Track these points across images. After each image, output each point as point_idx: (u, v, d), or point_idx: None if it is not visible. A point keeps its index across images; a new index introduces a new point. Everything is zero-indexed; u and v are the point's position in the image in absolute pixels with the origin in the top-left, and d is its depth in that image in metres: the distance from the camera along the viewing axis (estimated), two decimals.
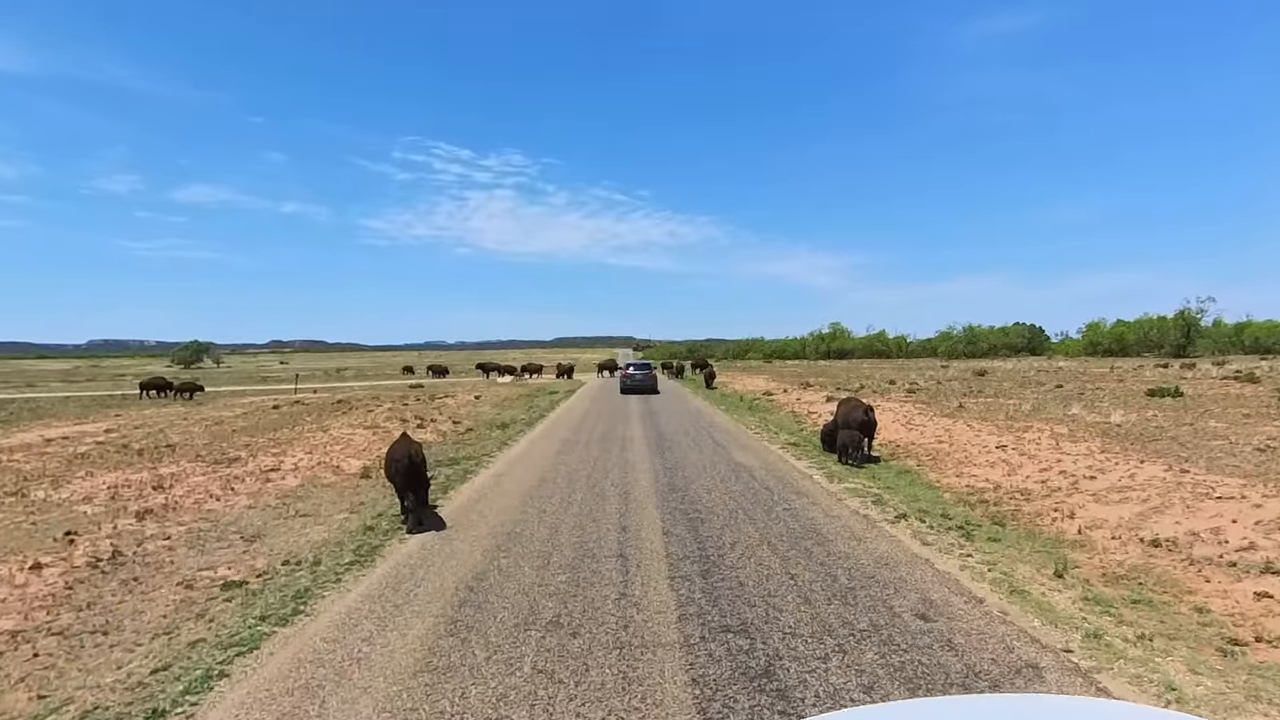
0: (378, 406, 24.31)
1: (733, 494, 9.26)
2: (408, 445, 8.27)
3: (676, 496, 9.13)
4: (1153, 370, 33.28)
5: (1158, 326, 62.76)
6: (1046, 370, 39.47)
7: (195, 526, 8.37)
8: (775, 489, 9.58)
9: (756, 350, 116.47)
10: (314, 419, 20.50)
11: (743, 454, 12.86)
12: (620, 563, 6.24)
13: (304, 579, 6.14)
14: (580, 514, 8.23)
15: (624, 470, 11.24)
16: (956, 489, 9.61)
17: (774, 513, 8.16)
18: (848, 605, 5.12)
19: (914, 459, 12.06)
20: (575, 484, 10.13)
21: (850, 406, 12.66)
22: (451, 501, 9.22)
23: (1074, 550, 6.74)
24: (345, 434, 16.55)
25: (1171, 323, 61.55)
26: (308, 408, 24.98)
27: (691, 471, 11.03)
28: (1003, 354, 76.96)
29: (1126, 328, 67.20)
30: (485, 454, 13.54)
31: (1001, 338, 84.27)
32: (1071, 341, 77.76)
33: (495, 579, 5.91)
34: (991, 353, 79.09)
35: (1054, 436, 12.29)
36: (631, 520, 7.85)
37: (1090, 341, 70.62)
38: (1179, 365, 36.04)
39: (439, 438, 16.49)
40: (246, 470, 11.89)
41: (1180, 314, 61.28)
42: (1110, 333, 69.17)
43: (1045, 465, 10.12)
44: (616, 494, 9.36)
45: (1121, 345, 65.60)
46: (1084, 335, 74.27)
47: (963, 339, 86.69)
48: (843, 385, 30.94)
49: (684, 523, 7.72)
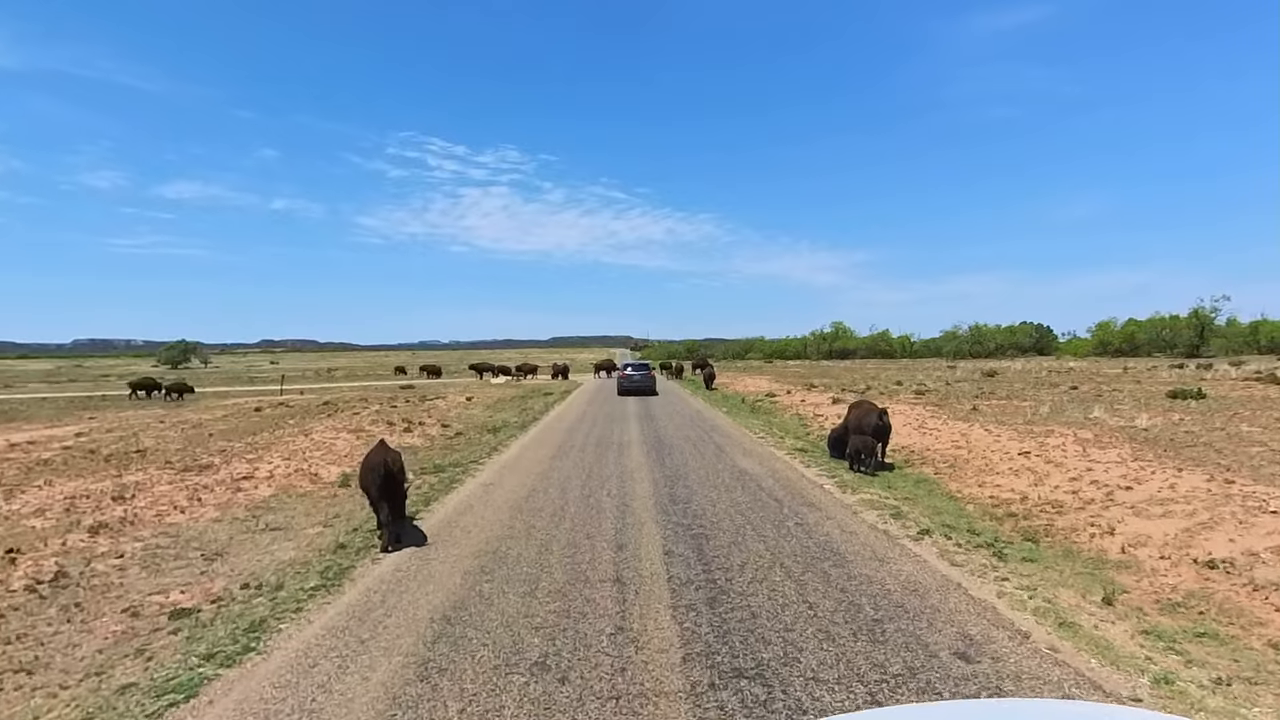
0: (364, 409, 23.71)
1: (739, 506, 8.70)
2: (384, 454, 7.71)
3: (678, 509, 8.57)
4: (1169, 371, 32.79)
5: (1170, 326, 62.15)
6: (1057, 371, 38.96)
7: (153, 542, 7.80)
8: (784, 500, 9.02)
9: (757, 350, 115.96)
10: (297, 422, 19.91)
11: (747, 460, 12.30)
12: (617, 589, 5.68)
13: (262, 607, 5.57)
14: (573, 529, 7.67)
15: (621, 479, 10.68)
16: (980, 500, 9.07)
17: (785, 528, 7.60)
18: (876, 643, 4.56)
19: (931, 466, 11.51)
20: (569, 494, 9.57)
21: (863, 410, 12.11)
22: (434, 515, 8.66)
23: (1119, 572, 6.19)
24: (327, 438, 15.96)
25: (1185, 322, 60.95)
26: (292, 410, 24.39)
27: (693, 480, 10.47)
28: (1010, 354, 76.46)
29: (1138, 327, 66.63)
30: (474, 461, 12.97)
31: (1008, 337, 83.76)
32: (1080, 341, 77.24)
33: (476, 608, 5.34)
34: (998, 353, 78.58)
35: (1079, 442, 11.75)
36: (629, 537, 7.29)
37: (1100, 341, 70.04)
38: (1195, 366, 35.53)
39: (426, 442, 15.92)
40: (217, 478, 11.31)
41: (1194, 313, 60.67)
42: (1121, 332, 68.58)
43: (1074, 474, 9.57)
44: (613, 506, 8.80)
45: (1133, 345, 65.00)
46: (1094, 335, 73.70)
47: (969, 339, 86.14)
48: (848, 386, 30.41)
49: (687, 540, 7.16)
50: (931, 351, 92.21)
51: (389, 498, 7.35)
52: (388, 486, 7.32)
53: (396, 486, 7.42)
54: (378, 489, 7.42)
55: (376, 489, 7.42)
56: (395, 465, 7.48)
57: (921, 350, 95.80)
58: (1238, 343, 58.40)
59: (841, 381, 34.99)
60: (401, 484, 7.57)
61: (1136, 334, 65.56)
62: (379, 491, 7.44)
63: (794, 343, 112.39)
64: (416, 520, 8.39)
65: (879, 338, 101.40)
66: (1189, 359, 48.07)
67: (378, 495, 7.50)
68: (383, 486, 7.33)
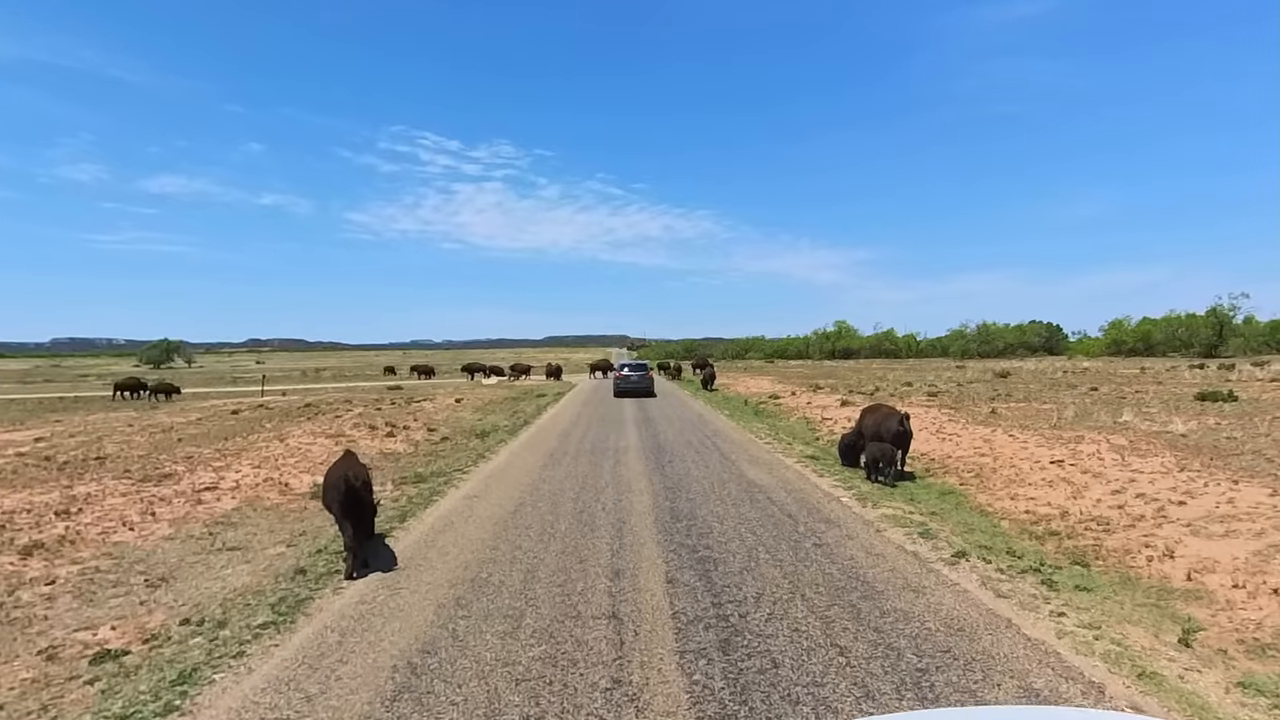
0: (347, 411, 23.00)
1: (749, 523, 8.02)
2: (346, 468, 7.03)
3: (681, 527, 7.89)
4: (1189, 372, 32.18)
5: (1187, 325, 61.42)
6: (1072, 371, 38.35)
7: (93, 565, 7.10)
8: (799, 516, 8.34)
9: (757, 349, 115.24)
10: (274, 425, 19.19)
11: (755, 469, 11.62)
12: (613, 628, 4.99)
13: (198, 651, 4.88)
14: (564, 551, 6.98)
15: (618, 491, 10.00)
16: (1015, 516, 8.40)
17: (802, 549, 6.92)
18: (927, 702, 3.88)
19: (955, 476, 10.84)
20: (560, 509, 8.88)
21: (882, 415, 11.44)
22: (409, 532, 7.96)
23: (1190, 604, 5.52)
24: (303, 443, 15.26)
25: (1202, 320, 60.24)
26: (271, 412, 23.66)
27: (697, 492, 9.79)
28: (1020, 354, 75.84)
29: (1153, 326, 65.89)
30: (459, 469, 12.27)
31: (1018, 336, 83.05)
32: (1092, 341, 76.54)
33: (448, 653, 4.66)
34: (1008, 352, 77.94)
35: (1114, 449, 11.10)
36: (627, 561, 6.60)
37: (1113, 340, 69.32)
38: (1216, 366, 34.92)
39: (409, 449, 15.22)
40: (178, 489, 10.60)
41: (1212, 311, 59.98)
42: (1135, 331, 67.85)
43: (1116, 486, 8.91)
44: (609, 523, 8.11)
45: (1147, 345, 64.30)
46: (1106, 334, 72.95)
47: (976, 338, 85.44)
48: (855, 388, 29.77)
49: (692, 565, 6.48)
50: (937, 351, 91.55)
51: (353, 517, 6.66)
52: (351, 505, 6.63)
53: (362, 504, 6.74)
54: (340, 508, 6.73)
55: (339, 508, 6.74)
56: (359, 480, 6.80)
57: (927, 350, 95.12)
58: (1257, 342, 57.73)
59: (847, 382, 34.34)
60: (368, 501, 6.88)
61: (1151, 333, 64.78)
62: (342, 510, 6.76)
63: (795, 342, 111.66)
64: (389, 539, 7.70)
65: (883, 337, 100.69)
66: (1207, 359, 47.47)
67: (341, 514, 6.82)
68: (345, 505, 6.64)
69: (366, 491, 6.88)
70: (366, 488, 7.07)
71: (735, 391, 33.09)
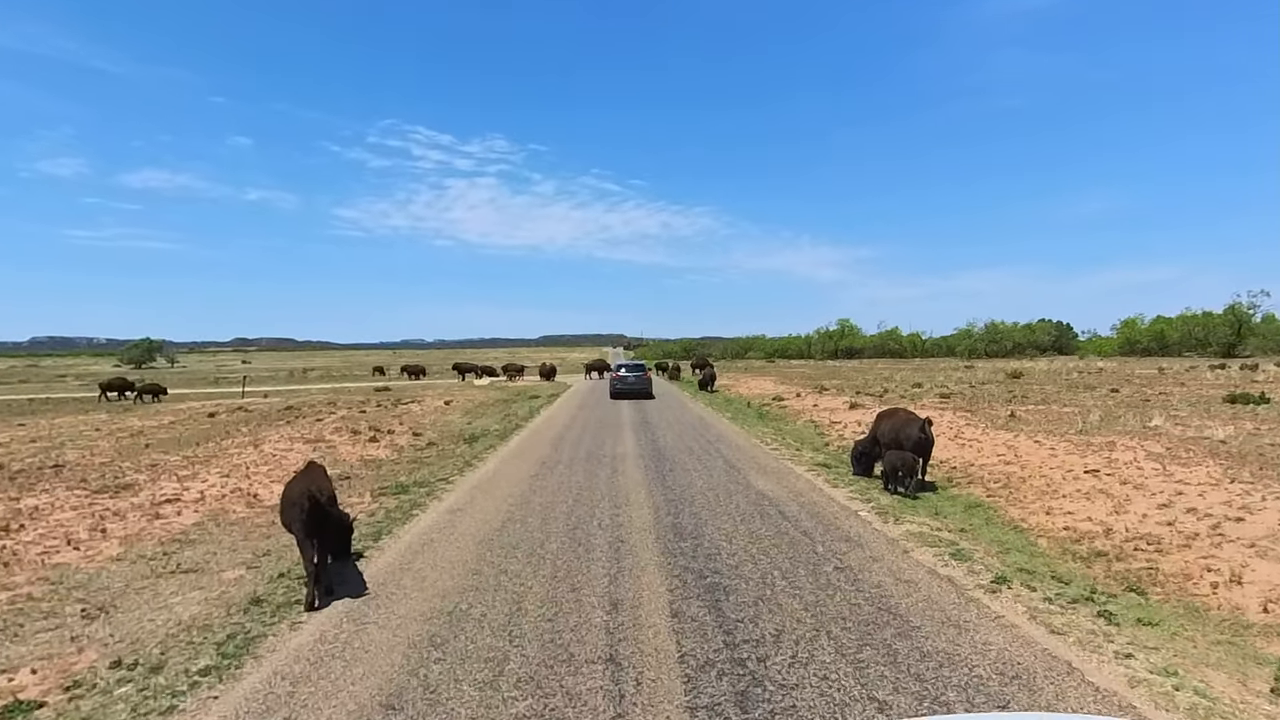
0: (330, 414, 22.37)
1: (760, 542, 7.42)
2: (307, 482, 6.42)
3: (685, 546, 7.28)
4: (1211, 372, 31.66)
5: (1203, 323, 60.95)
6: (1087, 371, 37.81)
7: (25, 592, 6.47)
8: (815, 533, 7.74)
9: (757, 349, 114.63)
10: (251, 430, 18.55)
11: (763, 479, 11.02)
12: (611, 676, 4.38)
13: (123, 705, 4.25)
14: (555, 577, 6.36)
15: (615, 504, 9.39)
16: (1052, 532, 7.81)
17: (822, 574, 6.32)
18: None
19: (980, 486, 10.26)
20: (551, 526, 8.27)
21: (900, 421, 10.84)
22: (383, 553, 7.33)
23: (1272, 642, 4.93)
24: (279, 449, 14.63)
25: (1220, 319, 59.75)
26: (250, 415, 23.01)
27: (701, 506, 9.19)
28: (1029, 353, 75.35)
29: (1168, 325, 65.38)
30: (443, 478, 11.65)
31: (1027, 335, 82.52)
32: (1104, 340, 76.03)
33: (417, 707, 4.04)
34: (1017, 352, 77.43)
35: (1151, 457, 10.52)
36: (626, 589, 5.99)
37: (1126, 340, 68.79)
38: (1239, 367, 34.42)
39: (392, 455, 14.59)
40: (135, 501, 9.97)
41: (1230, 309, 59.46)
42: (1149, 330, 67.33)
43: (1162, 499, 8.33)
44: (605, 543, 7.50)
45: (1162, 344, 63.82)
46: (1119, 333, 72.41)
47: (984, 337, 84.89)
48: (862, 389, 29.22)
49: (699, 592, 5.87)
50: (944, 350, 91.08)
51: (318, 538, 6.06)
52: (314, 524, 6.02)
53: (326, 523, 6.13)
54: (301, 527, 6.12)
55: (300, 528, 6.12)
56: (323, 495, 6.19)
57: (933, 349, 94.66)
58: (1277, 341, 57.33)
59: (853, 383, 33.79)
60: (334, 519, 6.28)
61: (1167, 332, 64.31)
62: (303, 531, 6.14)
63: (797, 341, 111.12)
64: (361, 560, 7.09)
65: (887, 336, 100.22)
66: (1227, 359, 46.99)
67: (302, 535, 6.21)
68: (307, 525, 6.02)
69: (332, 508, 6.28)
70: (332, 503, 6.47)
71: (737, 393, 32.51)
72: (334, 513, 6.28)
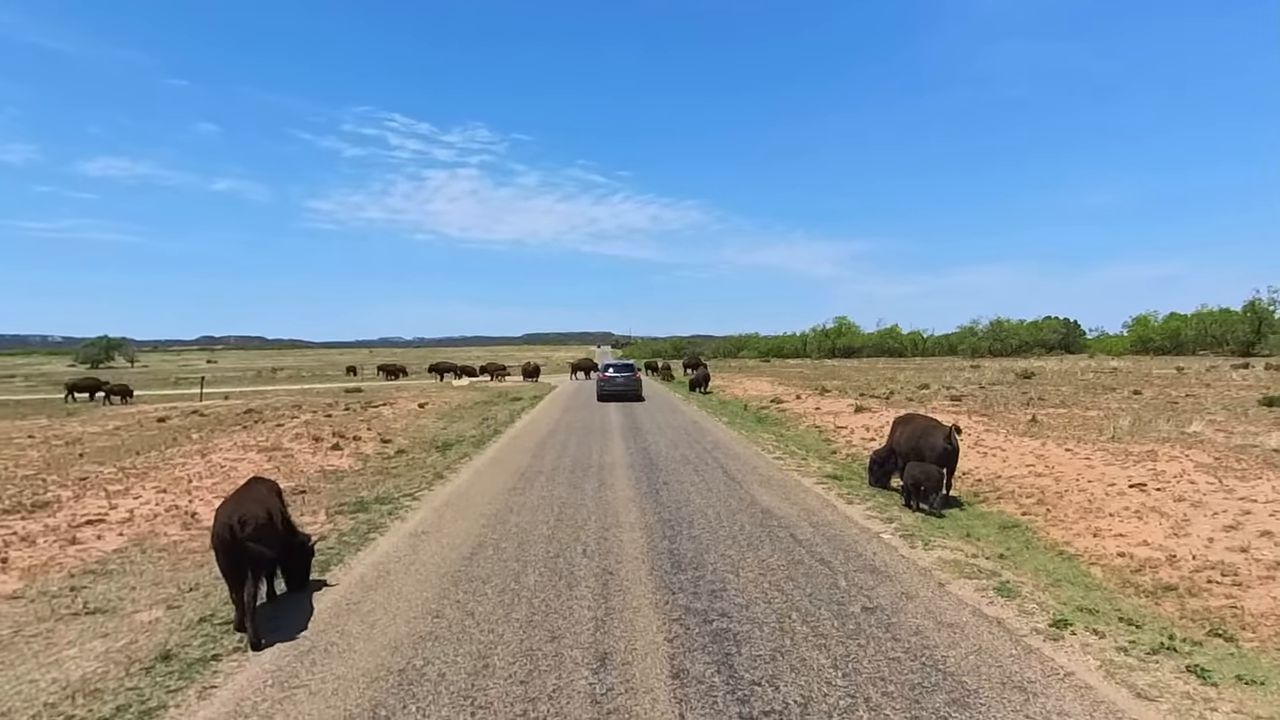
0: (293, 418, 21.43)
1: (773, 574, 6.63)
2: (238, 504, 5.63)
3: (685, 580, 6.48)
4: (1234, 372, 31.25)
5: (1220, 320, 60.86)
6: (1101, 371, 37.36)
7: None
8: (835, 562, 6.96)
9: (751, 348, 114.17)
10: (203, 436, 17.59)
11: (769, 494, 10.25)
12: None
13: None
14: (531, 621, 5.55)
15: (603, 525, 8.58)
16: (1106, 560, 7.08)
17: (850, 617, 5.54)
18: None
19: (1012, 503, 9.53)
20: (529, 553, 7.45)
21: (920, 428, 10.11)
22: (333, 588, 6.49)
23: None
24: (230, 459, 13.71)
25: (1238, 316, 59.64)
26: (206, 420, 22.03)
27: (701, 527, 8.40)
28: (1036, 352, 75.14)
29: (1182, 322, 65.27)
30: (410, 493, 10.80)
31: (1033, 333, 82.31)
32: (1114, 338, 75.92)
33: None
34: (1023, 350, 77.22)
35: (1203, 469, 9.83)
36: (616, 639, 5.18)
37: (1139, 337, 68.69)
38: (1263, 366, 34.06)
39: (356, 465, 13.72)
40: (52, 523, 9.06)
41: (1249, 306, 59.39)
42: (1163, 327, 67.23)
43: (1227, 520, 7.62)
44: (592, 574, 6.69)
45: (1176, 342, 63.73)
46: (1131, 330, 72.34)
47: (988, 335, 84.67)
48: (866, 390, 28.56)
49: (705, 644, 5.07)
50: (945, 349, 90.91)
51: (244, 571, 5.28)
52: (237, 557, 5.24)
53: (249, 556, 5.33)
54: (226, 560, 5.34)
55: (224, 560, 5.35)
56: (249, 525, 5.37)
57: (934, 348, 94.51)
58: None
59: (855, 384, 33.14)
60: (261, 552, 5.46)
61: (1181, 330, 64.19)
62: (229, 564, 5.36)
63: (792, 339, 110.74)
64: (308, 593, 6.25)
65: (887, 334, 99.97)
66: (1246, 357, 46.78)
67: (229, 569, 5.42)
68: (231, 557, 5.25)
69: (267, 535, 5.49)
70: (266, 528, 5.63)
71: (732, 395, 31.80)
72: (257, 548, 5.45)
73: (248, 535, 5.34)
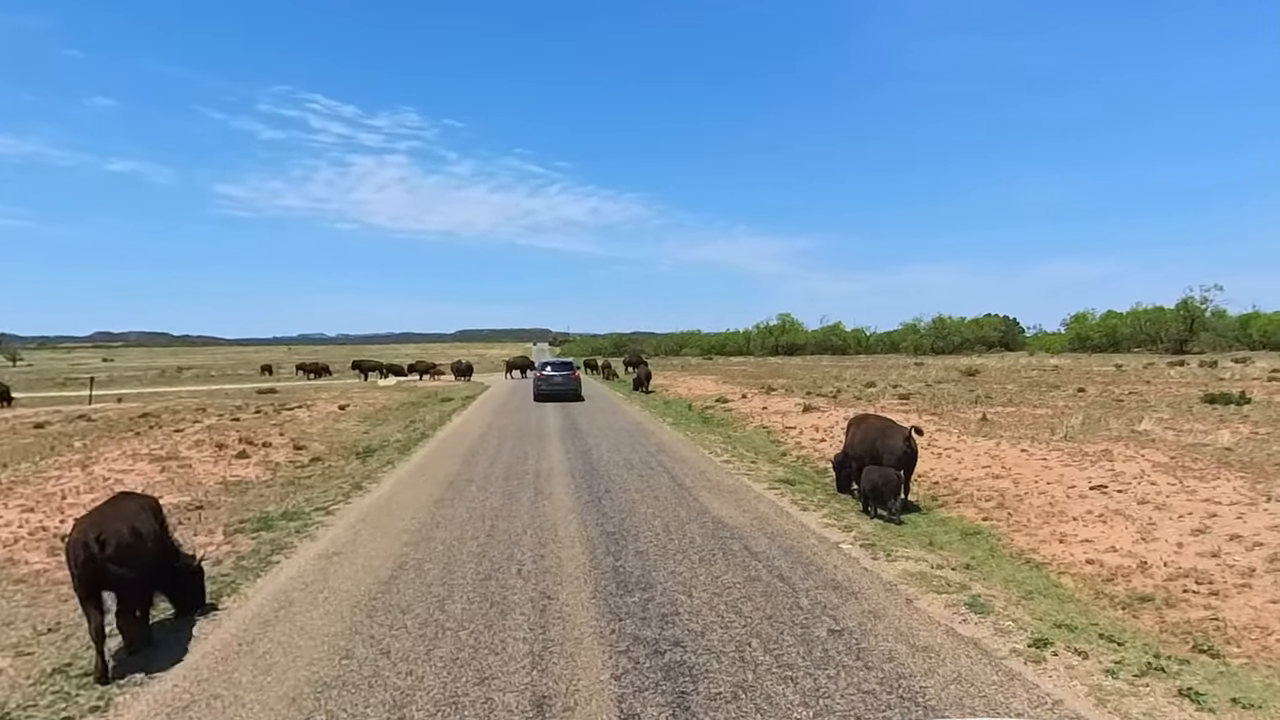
0: (195, 423, 20.09)
1: (728, 593, 6.23)
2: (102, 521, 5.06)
3: (634, 604, 6.01)
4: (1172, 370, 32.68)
5: (1155, 318, 64.05)
6: (1043, 369, 38.66)
7: None
8: (795, 578, 6.61)
9: (693, 345, 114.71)
10: (87, 444, 16.25)
11: (719, 501, 9.89)
12: None
13: None
14: (456, 659, 4.99)
15: (540, 540, 8.05)
16: (1075, 568, 6.94)
17: (815, 641, 5.17)
18: None
19: (972, 507, 9.41)
20: (456, 575, 6.86)
21: (878, 430, 9.91)
22: (220, 623, 5.77)
23: None
24: (116, 471, 12.59)
25: (1172, 314, 62.88)
26: (92, 425, 20.48)
27: (649, 541, 7.95)
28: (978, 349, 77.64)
29: (1119, 320, 68.49)
30: (324, 507, 10.04)
31: (975, 331, 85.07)
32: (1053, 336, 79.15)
33: None
34: (965, 348, 79.67)
35: (1160, 468, 9.91)
36: (556, 678, 4.67)
37: (1077, 335, 71.78)
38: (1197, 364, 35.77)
39: (265, 475, 12.80)
40: None
41: (1183, 304, 62.63)
42: (1100, 325, 70.42)
43: (1194, 523, 7.59)
44: (528, 599, 6.16)
45: (1113, 339, 66.77)
46: (1069, 328, 75.57)
47: (931, 333, 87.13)
48: (813, 389, 28.69)
49: (658, 680, 4.61)
50: (888, 347, 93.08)
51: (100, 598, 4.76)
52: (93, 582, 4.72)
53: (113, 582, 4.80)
54: (81, 584, 4.81)
55: (79, 585, 4.79)
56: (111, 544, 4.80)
57: (877, 345, 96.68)
58: (1229, 337, 60.69)
59: (801, 382, 33.34)
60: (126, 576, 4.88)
61: (1118, 327, 67.31)
62: (84, 589, 4.83)
63: (736, 337, 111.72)
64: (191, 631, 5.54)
65: (830, 331, 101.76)
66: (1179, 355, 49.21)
67: (84, 595, 4.85)
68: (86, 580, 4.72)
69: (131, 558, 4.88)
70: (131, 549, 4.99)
71: (675, 394, 31.56)
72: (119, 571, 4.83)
73: (108, 556, 4.72)
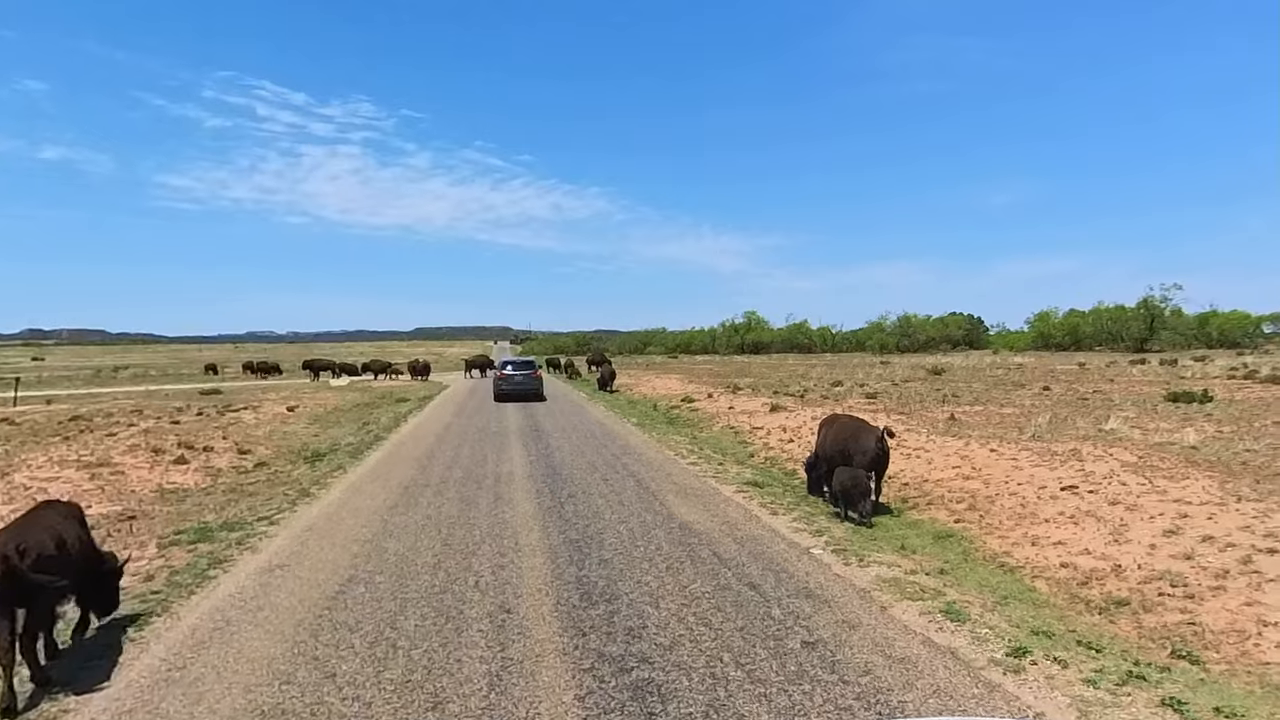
0: (130, 426, 19.34)
1: (698, 604, 6.08)
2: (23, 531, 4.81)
3: (598, 617, 5.82)
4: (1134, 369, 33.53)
5: (1116, 317, 65.90)
6: (1007, 367, 39.41)
7: None
8: (767, 588, 6.49)
9: (658, 343, 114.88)
10: (8, 451, 15.49)
11: (686, 506, 9.75)
12: None
13: None
14: (408, 683, 4.74)
15: (499, 550, 7.81)
16: (1049, 571, 6.94)
17: (789, 656, 5.04)
18: None
19: (943, 508, 9.42)
20: (409, 588, 6.59)
21: (850, 431, 9.86)
22: (148, 647, 5.43)
23: None
24: (40, 479, 11.98)
25: (1132, 313, 64.78)
26: (16, 429, 19.57)
27: (614, 549, 7.77)
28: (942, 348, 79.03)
29: (1081, 318, 70.40)
30: (268, 516, 9.65)
31: (940, 329, 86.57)
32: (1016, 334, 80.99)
33: None
34: (930, 346, 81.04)
35: (1130, 468, 10.04)
36: (514, 704, 4.45)
37: (1040, 334, 73.56)
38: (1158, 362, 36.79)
39: (205, 482, 12.31)
40: None
41: (1143, 303, 64.58)
42: (1063, 324, 72.28)
43: (1165, 524, 7.66)
44: (485, 614, 5.93)
45: (1075, 338, 68.52)
46: (1033, 327, 77.45)
47: (897, 331, 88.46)
48: (779, 388, 28.80)
49: (625, 702, 4.42)
50: (854, 345, 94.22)
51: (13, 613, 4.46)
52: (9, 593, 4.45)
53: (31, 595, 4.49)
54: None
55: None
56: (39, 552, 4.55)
57: (843, 343, 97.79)
58: (1188, 336, 62.73)
59: (768, 382, 33.47)
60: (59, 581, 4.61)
61: (1080, 326, 69.16)
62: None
63: (701, 335, 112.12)
64: (120, 659, 5.20)
65: (796, 329, 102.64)
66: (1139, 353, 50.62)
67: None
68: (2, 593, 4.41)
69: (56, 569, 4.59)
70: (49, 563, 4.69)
71: (640, 393, 31.43)
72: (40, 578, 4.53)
73: (29, 567, 4.42)
